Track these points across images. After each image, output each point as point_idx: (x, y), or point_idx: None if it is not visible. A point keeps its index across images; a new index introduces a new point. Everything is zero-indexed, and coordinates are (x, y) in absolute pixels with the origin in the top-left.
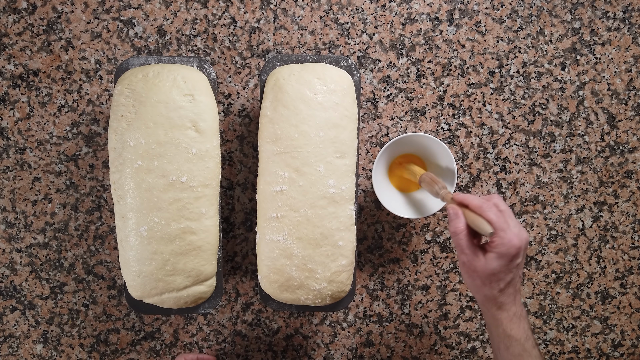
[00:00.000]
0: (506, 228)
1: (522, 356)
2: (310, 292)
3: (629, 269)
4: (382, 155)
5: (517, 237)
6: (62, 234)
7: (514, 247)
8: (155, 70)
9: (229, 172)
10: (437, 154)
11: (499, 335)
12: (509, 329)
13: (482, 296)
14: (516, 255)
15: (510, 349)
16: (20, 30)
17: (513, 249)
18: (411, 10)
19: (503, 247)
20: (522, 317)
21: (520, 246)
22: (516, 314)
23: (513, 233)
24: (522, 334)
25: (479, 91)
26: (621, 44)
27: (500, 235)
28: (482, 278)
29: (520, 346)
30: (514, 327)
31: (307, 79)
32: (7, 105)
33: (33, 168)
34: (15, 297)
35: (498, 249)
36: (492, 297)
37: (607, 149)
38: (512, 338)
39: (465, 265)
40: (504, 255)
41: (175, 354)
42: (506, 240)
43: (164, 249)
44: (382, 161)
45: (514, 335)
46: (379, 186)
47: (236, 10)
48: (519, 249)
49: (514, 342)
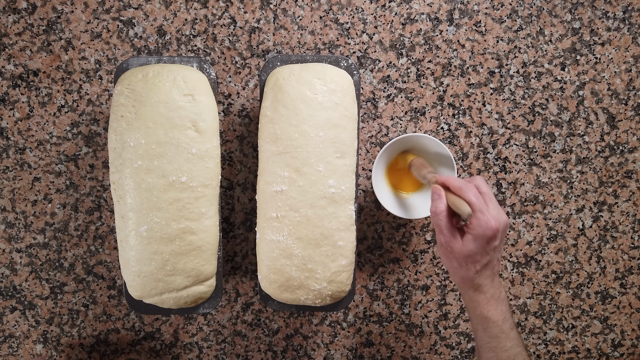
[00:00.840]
0: (484, 210)
1: (499, 337)
2: (310, 292)
3: (629, 269)
4: (382, 155)
5: (494, 219)
6: (62, 234)
7: (491, 229)
8: (155, 70)
9: (229, 172)
10: (436, 155)
11: (477, 316)
12: (486, 310)
13: (459, 278)
14: (492, 237)
15: (487, 330)
16: (20, 30)
17: (489, 231)
18: (411, 10)
19: (480, 229)
20: (500, 299)
21: (497, 228)
22: (494, 296)
23: (491, 215)
24: (500, 316)
25: (478, 91)
26: (621, 44)
27: (478, 216)
28: (458, 259)
29: (497, 328)
30: (492, 309)
31: (307, 79)
32: (7, 105)
33: (33, 168)
34: (15, 297)
35: (475, 231)
36: (469, 278)
37: (607, 149)
38: (489, 320)
39: (443, 247)
40: (480, 236)
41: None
42: (483, 222)
43: (164, 249)
44: (382, 161)
45: (491, 317)
46: (379, 186)
47: (236, 10)
48: (496, 231)
49: (491, 324)
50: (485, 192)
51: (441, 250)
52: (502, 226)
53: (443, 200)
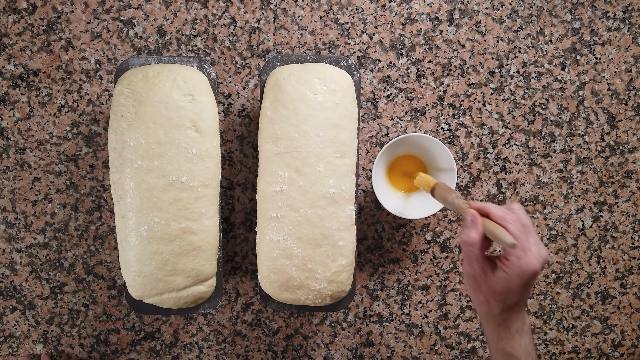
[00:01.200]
0: (527, 248)
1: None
2: (310, 292)
3: (629, 269)
4: (382, 155)
5: (536, 260)
6: (62, 234)
7: (532, 271)
8: (155, 70)
9: (229, 172)
10: (436, 155)
11: (498, 350)
12: (509, 346)
13: (483, 312)
14: (532, 279)
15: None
16: (20, 31)
17: (529, 273)
18: (411, 10)
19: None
20: (524, 333)
21: (537, 270)
22: (518, 331)
23: (533, 254)
24: (522, 351)
25: (479, 91)
26: (621, 44)
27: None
28: (486, 295)
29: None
30: (515, 345)
31: (307, 79)
32: (7, 105)
33: (33, 168)
34: (15, 297)
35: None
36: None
37: (607, 149)
38: (511, 356)
39: (471, 278)
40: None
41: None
42: (524, 262)
43: (164, 249)
44: (382, 161)
45: (514, 354)
46: (379, 186)
47: (236, 10)
48: (536, 273)
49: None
50: (526, 225)
51: (468, 281)
52: (542, 266)
53: (479, 229)
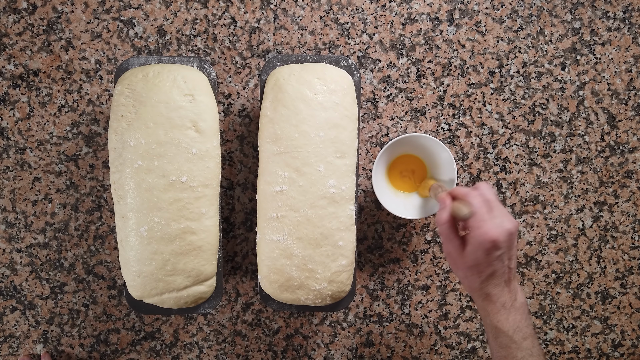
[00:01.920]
0: (486, 219)
1: (509, 347)
2: (311, 292)
3: (629, 269)
4: (382, 155)
5: (494, 229)
6: (62, 234)
7: (488, 239)
8: (156, 70)
9: (229, 172)
10: (437, 155)
11: (487, 325)
12: (496, 320)
13: (467, 287)
14: (492, 248)
15: (497, 339)
16: (20, 30)
17: (487, 242)
18: (411, 10)
19: (477, 239)
20: (513, 308)
21: (495, 239)
22: (504, 306)
23: (491, 224)
24: (511, 326)
25: (479, 91)
26: (621, 44)
27: (477, 225)
28: (462, 270)
29: (507, 338)
30: (501, 319)
31: (307, 79)
32: (7, 105)
33: (33, 168)
34: (16, 297)
35: (473, 240)
36: (475, 288)
37: (607, 149)
38: (498, 329)
39: (448, 256)
40: (480, 248)
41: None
42: (481, 231)
43: (164, 249)
44: (382, 161)
45: (501, 327)
46: (379, 186)
47: (236, 10)
48: (494, 242)
49: (500, 334)
50: (489, 199)
51: (448, 259)
52: (503, 235)
53: (447, 210)
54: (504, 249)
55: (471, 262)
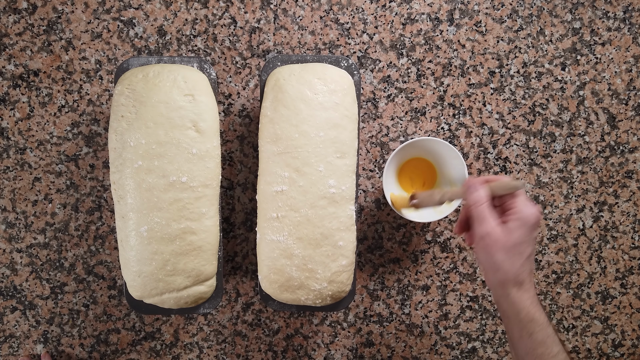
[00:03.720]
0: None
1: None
2: (311, 292)
3: (630, 269)
4: (393, 159)
5: (537, 208)
6: (62, 234)
7: (535, 213)
8: (156, 70)
9: (229, 172)
10: (447, 159)
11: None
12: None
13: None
14: (536, 224)
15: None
16: (20, 31)
17: (533, 217)
18: (411, 11)
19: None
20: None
21: (538, 216)
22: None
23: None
24: (545, 319)
25: (479, 91)
26: (621, 44)
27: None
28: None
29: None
30: (537, 311)
31: (308, 79)
32: (8, 105)
33: (33, 168)
34: (16, 297)
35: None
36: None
37: (607, 149)
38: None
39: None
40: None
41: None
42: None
43: (164, 249)
44: (392, 165)
45: (538, 319)
46: (389, 190)
47: (236, 11)
48: (538, 218)
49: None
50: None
51: (482, 244)
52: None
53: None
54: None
55: (515, 240)
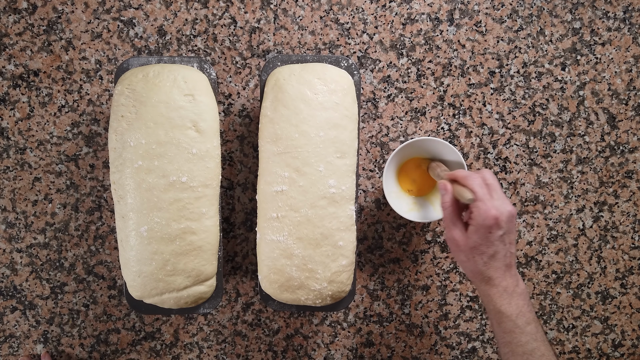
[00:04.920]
0: (486, 200)
1: (513, 332)
2: (311, 292)
3: (630, 269)
4: (393, 159)
5: (495, 208)
6: (62, 234)
7: (490, 217)
8: (156, 70)
9: (229, 172)
10: (447, 159)
11: (490, 310)
12: (499, 304)
13: (469, 271)
14: (494, 226)
15: (501, 324)
16: (20, 31)
17: (489, 220)
18: (411, 11)
19: (480, 218)
20: (515, 294)
21: (496, 216)
22: (507, 290)
23: (492, 204)
24: (514, 310)
25: (479, 91)
26: (621, 44)
27: (478, 205)
28: (465, 252)
29: (511, 322)
30: (504, 304)
31: (308, 79)
32: (8, 105)
33: (33, 168)
34: (16, 297)
35: (475, 220)
36: (478, 271)
37: (607, 149)
38: (502, 314)
39: (450, 240)
40: (481, 226)
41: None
42: (482, 210)
43: (164, 249)
44: (392, 165)
45: (504, 311)
46: (390, 190)
47: (236, 11)
48: (496, 219)
49: (504, 318)
50: (490, 184)
51: (449, 243)
52: (504, 215)
53: (449, 194)
54: (505, 229)
55: (473, 243)
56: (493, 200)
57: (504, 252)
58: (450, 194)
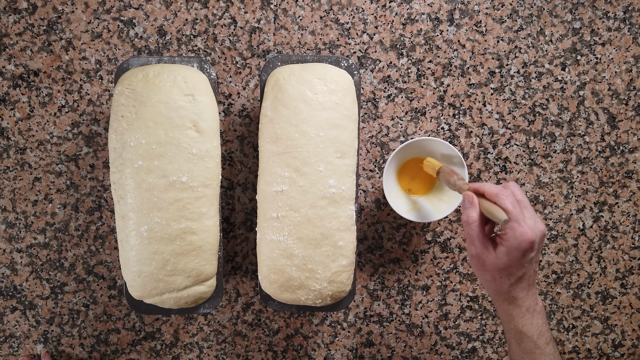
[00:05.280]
0: (521, 220)
1: (534, 353)
2: (311, 292)
3: (630, 269)
4: (393, 159)
5: (531, 230)
6: (62, 234)
7: (527, 240)
8: (156, 70)
9: (230, 172)
10: (447, 159)
11: (511, 330)
12: (521, 325)
13: (492, 291)
14: (529, 249)
15: (522, 345)
16: (20, 31)
17: (525, 243)
18: (411, 11)
19: (515, 241)
20: (536, 312)
21: (533, 240)
22: (529, 309)
23: (527, 225)
24: (535, 330)
25: (479, 91)
26: (621, 44)
27: (513, 227)
28: (491, 272)
29: (532, 343)
30: (526, 324)
31: (308, 79)
32: (8, 105)
33: (33, 168)
34: (16, 297)
35: (509, 242)
36: (503, 292)
37: (607, 149)
38: (524, 335)
39: (474, 258)
40: (515, 249)
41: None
42: (518, 233)
43: (164, 249)
44: (392, 165)
45: (526, 332)
46: (390, 190)
47: (236, 11)
48: (532, 243)
49: (525, 339)
50: (520, 200)
51: (472, 261)
52: (538, 237)
53: (476, 209)
54: (536, 251)
55: (503, 264)
56: (527, 220)
57: (531, 272)
58: (477, 209)
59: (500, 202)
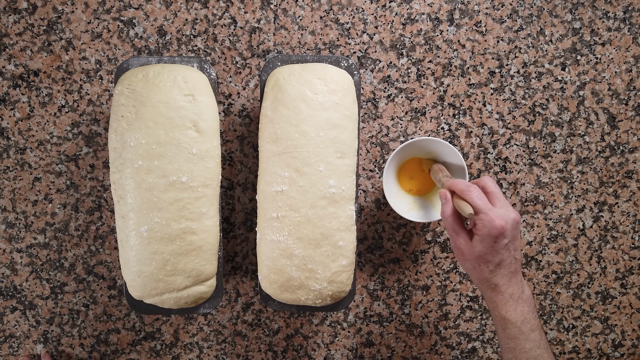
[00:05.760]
0: (488, 210)
1: (518, 339)
2: (311, 293)
3: (630, 269)
4: (393, 159)
5: (499, 217)
6: (62, 234)
7: (495, 227)
8: (156, 70)
9: (230, 172)
10: (447, 159)
11: (496, 317)
12: (504, 311)
13: (475, 279)
14: (499, 235)
15: (506, 331)
16: (20, 31)
17: (494, 230)
18: (411, 11)
19: (485, 229)
20: (520, 299)
21: (501, 226)
22: (512, 296)
23: (495, 214)
24: (519, 317)
25: (479, 91)
26: (621, 44)
27: (481, 217)
28: (470, 261)
29: (516, 329)
30: (509, 310)
31: (308, 79)
32: (8, 105)
33: (33, 168)
34: (16, 297)
35: (481, 231)
36: (484, 279)
37: (607, 149)
38: (507, 320)
39: (455, 249)
40: (487, 235)
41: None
42: (486, 221)
43: (164, 249)
44: (392, 165)
45: (509, 318)
46: (390, 190)
47: (236, 11)
48: (502, 228)
49: (509, 325)
50: (491, 192)
51: (455, 252)
52: (509, 224)
53: (449, 204)
54: (510, 237)
55: (479, 252)
56: (496, 209)
57: (510, 259)
58: (450, 204)
59: (467, 197)
